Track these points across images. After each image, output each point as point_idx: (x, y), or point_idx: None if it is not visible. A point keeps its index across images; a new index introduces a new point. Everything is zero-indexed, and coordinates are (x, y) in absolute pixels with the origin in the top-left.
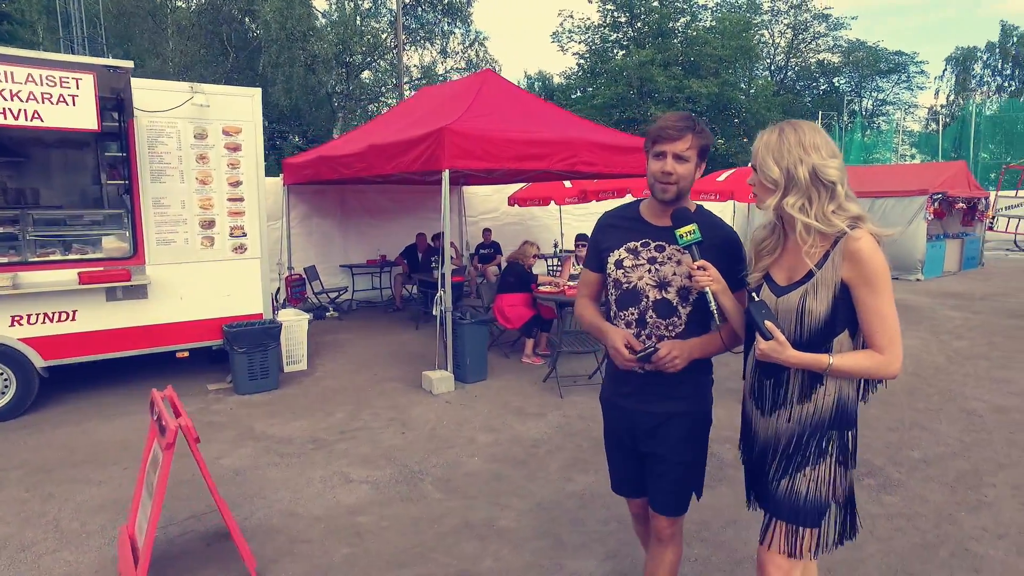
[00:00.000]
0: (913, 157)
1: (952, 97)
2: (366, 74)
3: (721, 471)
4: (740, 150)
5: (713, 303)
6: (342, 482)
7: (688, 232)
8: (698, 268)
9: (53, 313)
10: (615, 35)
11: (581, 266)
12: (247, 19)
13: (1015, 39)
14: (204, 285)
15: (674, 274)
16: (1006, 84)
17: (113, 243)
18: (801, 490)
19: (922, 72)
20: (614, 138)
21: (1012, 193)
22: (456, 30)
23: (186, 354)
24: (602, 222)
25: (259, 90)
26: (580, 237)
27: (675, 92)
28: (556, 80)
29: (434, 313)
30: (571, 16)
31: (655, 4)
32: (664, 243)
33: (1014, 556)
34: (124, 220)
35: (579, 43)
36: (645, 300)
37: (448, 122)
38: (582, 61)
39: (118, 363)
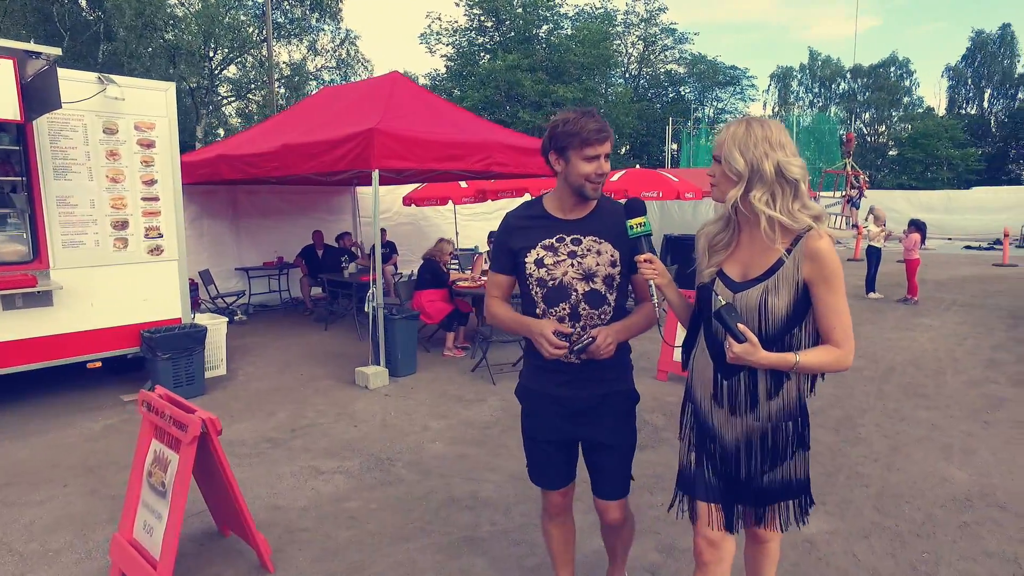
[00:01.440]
0: None
1: (776, 108)
2: (232, 69)
3: (657, 434)
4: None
5: (655, 295)
6: (314, 474)
7: (639, 223)
8: (645, 261)
9: None
10: (482, 39)
11: (487, 262)
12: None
13: (819, 62)
14: (118, 289)
15: (597, 264)
16: (816, 100)
17: (8, 246)
18: (784, 477)
19: (753, 86)
20: (522, 140)
21: (831, 194)
22: (326, 27)
23: (99, 364)
24: (509, 224)
25: (173, 84)
26: (492, 234)
27: (541, 96)
28: (422, 81)
29: (366, 310)
30: (439, 18)
31: (519, 11)
32: (579, 235)
33: (887, 472)
34: (19, 220)
35: (447, 45)
36: (575, 294)
37: (373, 122)
38: (450, 63)
39: (10, 379)
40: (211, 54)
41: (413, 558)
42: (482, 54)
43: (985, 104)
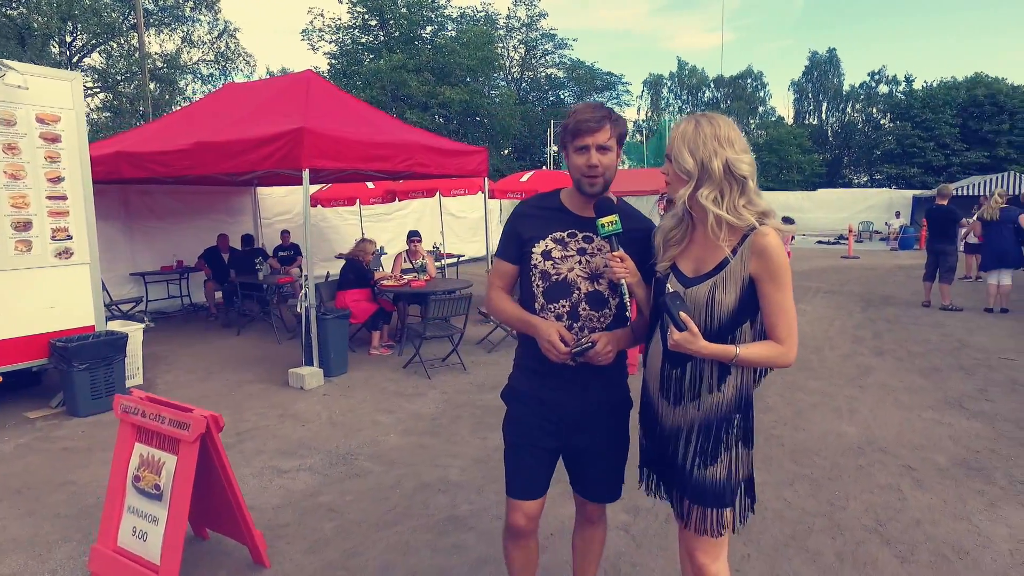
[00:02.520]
0: (624, 163)
1: (649, 113)
2: (96, 58)
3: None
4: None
5: (627, 294)
6: (277, 474)
7: (609, 222)
8: (617, 258)
9: None
10: (366, 38)
11: (406, 261)
12: None
13: (687, 72)
14: (21, 296)
15: (606, 266)
16: (684, 106)
17: None
18: (720, 475)
19: (627, 91)
20: (440, 142)
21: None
22: (202, 18)
23: None
24: (521, 211)
25: (79, 74)
26: (413, 234)
27: (428, 98)
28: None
29: (298, 311)
30: (321, 15)
31: (403, 10)
32: (591, 234)
33: (795, 431)
34: None
35: (330, 43)
36: (577, 292)
37: (298, 122)
38: (334, 61)
39: None
40: (69, 39)
41: (404, 540)
42: (366, 53)
43: (823, 116)
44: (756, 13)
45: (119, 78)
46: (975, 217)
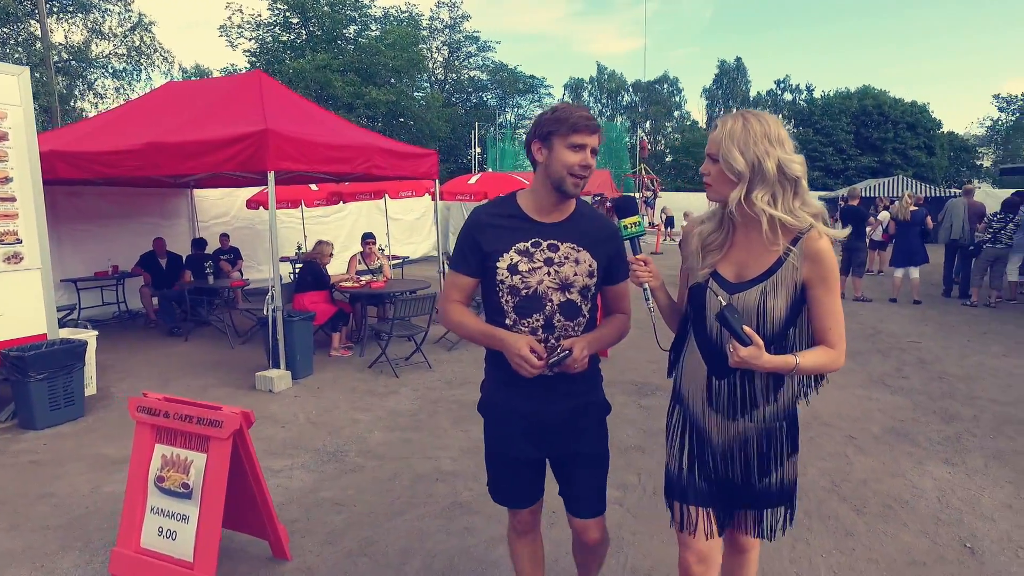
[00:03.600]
0: None
1: None
2: None
3: None
4: None
5: (651, 299)
6: (271, 474)
7: (632, 223)
8: (640, 262)
9: None
10: (287, 36)
11: (361, 263)
12: None
13: (606, 76)
14: None
15: (575, 274)
16: (604, 110)
17: None
18: (777, 480)
19: (549, 95)
20: (394, 145)
21: (631, 194)
22: (112, 8)
23: None
24: (479, 220)
25: (26, 69)
26: (367, 236)
27: (354, 98)
28: (216, 75)
29: (265, 313)
30: (240, 11)
31: (326, 8)
32: (556, 241)
33: None
34: None
35: (249, 40)
36: (550, 304)
37: (259, 123)
38: (254, 59)
39: None
40: None
41: (416, 526)
42: (288, 52)
43: None
44: (667, 21)
45: None
46: (890, 217)
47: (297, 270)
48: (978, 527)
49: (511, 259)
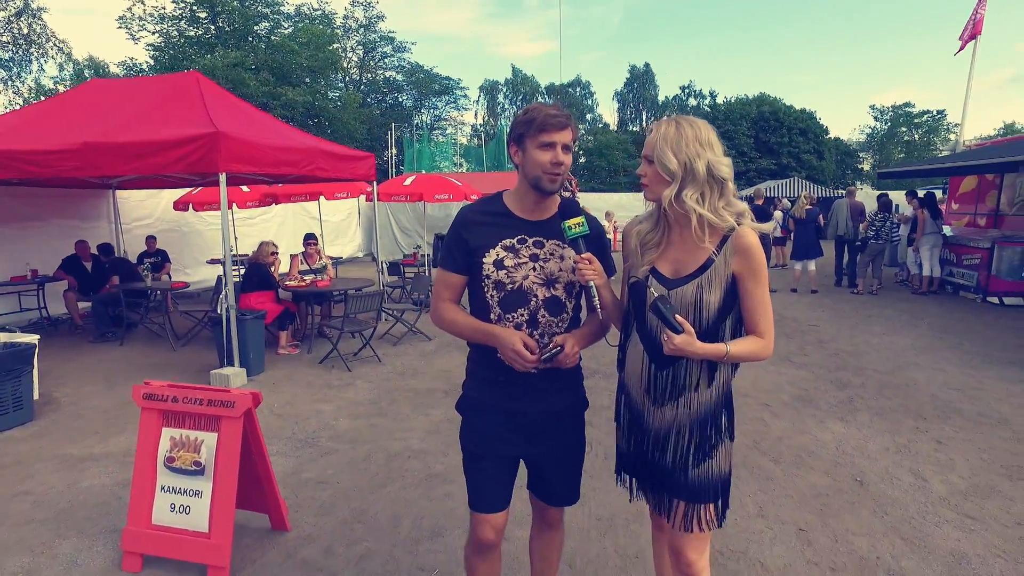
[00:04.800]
0: (458, 166)
1: (487, 118)
2: None
3: None
4: None
5: (596, 296)
6: None
7: (576, 224)
8: (585, 261)
9: None
10: (194, 31)
11: (303, 263)
12: None
13: (520, 79)
14: None
15: (560, 270)
16: (520, 112)
17: None
18: (712, 470)
19: (465, 96)
20: (334, 148)
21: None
22: None
23: None
24: (466, 218)
25: None
26: (309, 236)
27: (269, 99)
28: (115, 71)
29: (219, 312)
30: (143, 1)
31: (235, 3)
32: (542, 238)
33: None
34: None
35: (152, 33)
36: (535, 300)
37: (204, 124)
38: (158, 54)
39: None
40: None
41: (399, 496)
42: (195, 48)
43: (644, 124)
44: (577, 25)
45: None
46: (784, 216)
47: (240, 272)
48: (865, 466)
49: (497, 254)
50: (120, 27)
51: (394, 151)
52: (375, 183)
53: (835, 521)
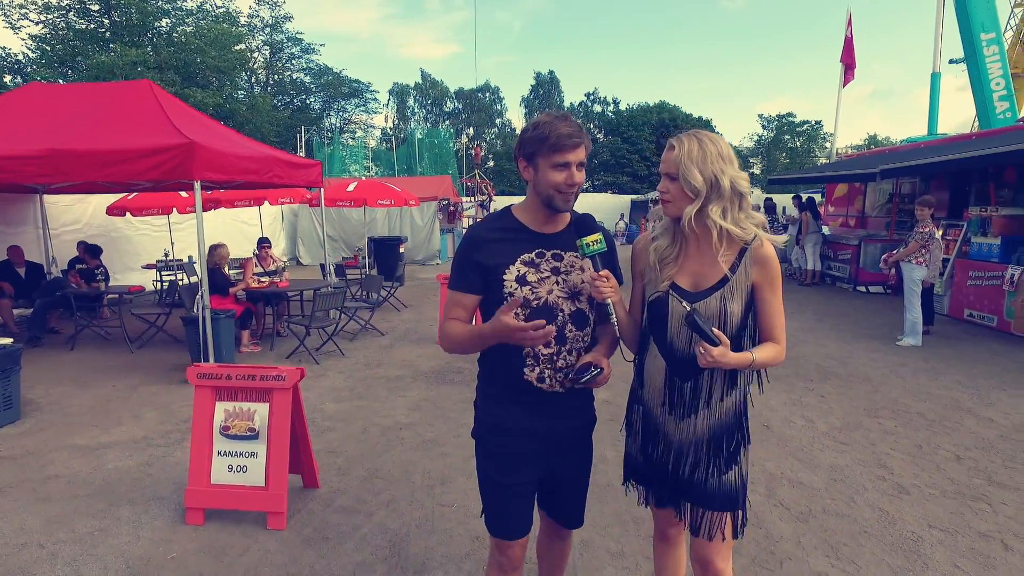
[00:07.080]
0: (368, 170)
1: (397, 122)
2: None
3: None
4: None
5: (613, 314)
6: None
7: (594, 241)
8: (602, 278)
9: None
10: (85, 24)
11: (257, 266)
12: None
13: (429, 83)
14: None
15: (583, 282)
16: (428, 115)
17: None
18: (734, 479)
19: (375, 99)
20: (289, 156)
21: (470, 199)
22: None
23: None
24: (477, 236)
25: None
26: (263, 240)
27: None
28: None
29: (195, 312)
30: None
31: None
32: (560, 251)
33: None
34: None
35: (36, 24)
36: (561, 315)
37: (173, 134)
38: (45, 47)
39: None
40: None
41: (404, 458)
42: (88, 43)
43: None
44: (481, 28)
45: None
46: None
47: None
48: (770, 416)
49: (518, 270)
50: None
51: (302, 154)
52: (322, 189)
53: (752, 453)
